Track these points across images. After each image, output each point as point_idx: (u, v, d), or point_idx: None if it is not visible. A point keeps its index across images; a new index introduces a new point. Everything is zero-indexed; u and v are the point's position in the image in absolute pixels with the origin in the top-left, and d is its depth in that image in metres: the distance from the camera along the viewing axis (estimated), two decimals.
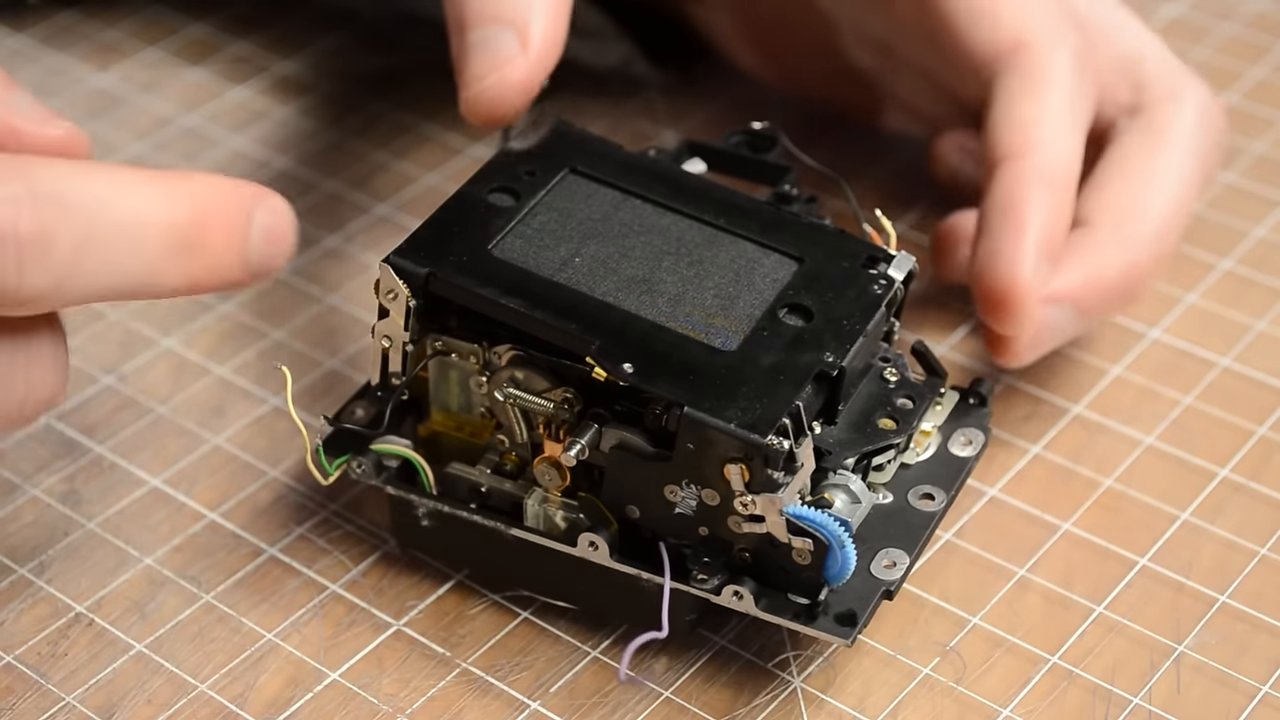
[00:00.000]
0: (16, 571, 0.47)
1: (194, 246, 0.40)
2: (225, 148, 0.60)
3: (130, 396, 0.51)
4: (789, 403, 0.42)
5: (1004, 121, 0.49)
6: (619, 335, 0.43)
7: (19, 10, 0.65)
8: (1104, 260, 0.49)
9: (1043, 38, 0.50)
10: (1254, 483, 0.49)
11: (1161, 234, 0.50)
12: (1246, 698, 0.44)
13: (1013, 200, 0.48)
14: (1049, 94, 0.49)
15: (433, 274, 0.43)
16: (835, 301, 0.44)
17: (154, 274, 0.40)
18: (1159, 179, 0.50)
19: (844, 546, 0.41)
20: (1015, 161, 0.49)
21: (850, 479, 0.44)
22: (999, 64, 0.50)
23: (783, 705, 0.44)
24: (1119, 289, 0.49)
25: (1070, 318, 0.49)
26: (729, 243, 0.45)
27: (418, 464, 0.45)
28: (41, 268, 0.39)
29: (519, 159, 0.47)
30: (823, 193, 0.50)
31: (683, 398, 0.41)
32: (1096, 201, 0.50)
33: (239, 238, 0.41)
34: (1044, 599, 0.46)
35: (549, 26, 0.48)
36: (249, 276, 0.41)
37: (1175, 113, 0.51)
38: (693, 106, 0.62)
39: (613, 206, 0.46)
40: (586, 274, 0.44)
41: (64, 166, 0.39)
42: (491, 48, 0.47)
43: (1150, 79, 0.52)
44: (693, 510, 0.42)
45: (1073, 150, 0.49)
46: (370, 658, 0.45)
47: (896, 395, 0.45)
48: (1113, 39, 0.53)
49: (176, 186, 0.40)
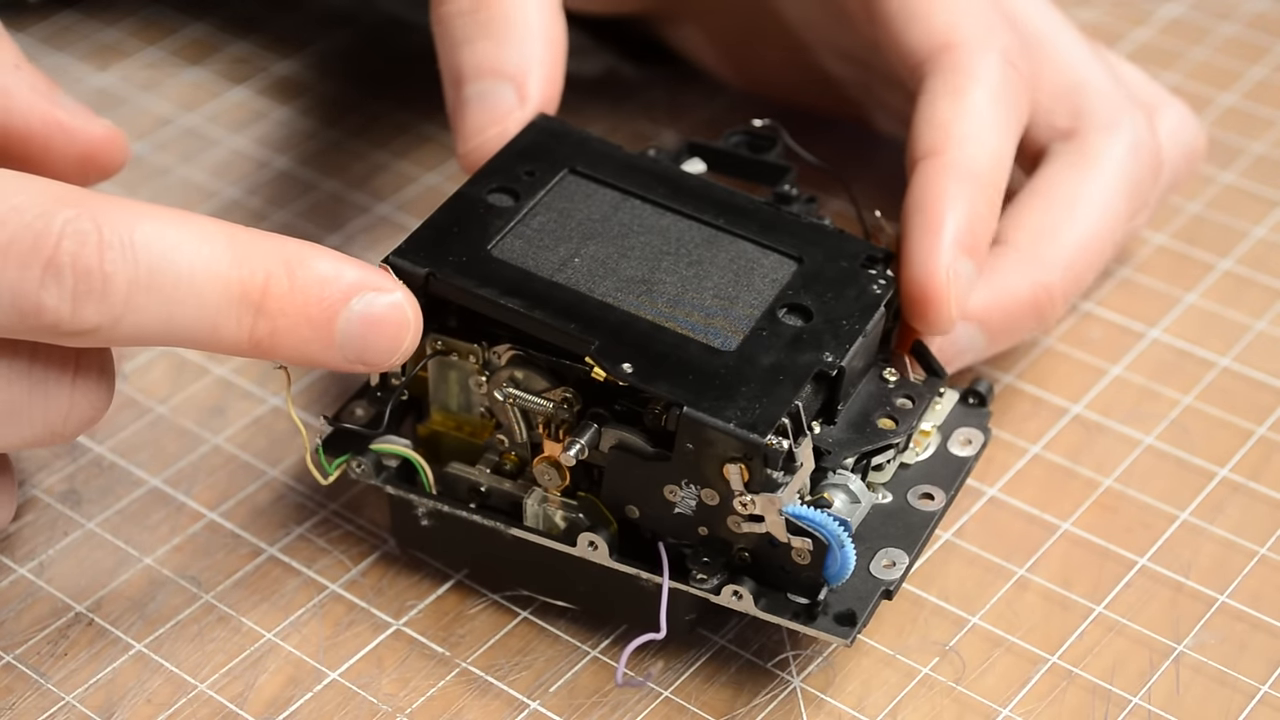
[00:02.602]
0: (16, 571, 0.47)
1: (254, 307, 0.40)
2: (225, 147, 0.60)
3: (130, 396, 0.51)
4: (788, 403, 0.42)
5: (925, 120, 0.48)
6: (618, 335, 0.43)
7: (19, 10, 0.65)
8: (1012, 281, 0.48)
9: (971, 38, 0.49)
10: (1253, 483, 0.49)
11: (1075, 259, 0.49)
12: (1246, 697, 0.44)
13: (928, 197, 0.47)
14: (972, 92, 0.48)
15: (432, 274, 0.43)
16: (834, 301, 0.44)
17: (212, 327, 0.40)
18: (1079, 204, 0.50)
19: (843, 546, 0.41)
20: (933, 159, 0.47)
21: (850, 479, 0.44)
22: (929, 64, 0.49)
23: (782, 705, 0.44)
24: (1027, 311, 0.49)
25: (977, 337, 0.48)
26: (728, 243, 0.46)
27: (417, 464, 0.45)
28: (96, 305, 0.39)
29: (519, 159, 0.47)
30: (823, 192, 0.50)
31: (682, 397, 0.41)
32: (1013, 221, 0.49)
33: (315, 313, 0.40)
34: (1043, 599, 0.46)
35: (546, 81, 0.48)
36: (340, 359, 0.41)
37: (1107, 142, 0.50)
38: (693, 106, 0.62)
39: (612, 207, 0.46)
40: (586, 274, 0.44)
41: (137, 209, 0.40)
42: (490, 102, 0.47)
43: (1089, 108, 0.51)
44: (692, 510, 0.42)
45: (997, 149, 0.48)
46: (370, 657, 0.45)
47: (896, 395, 0.45)
48: (1060, 65, 0.52)
49: (249, 246, 0.40)
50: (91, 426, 0.42)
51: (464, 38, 0.48)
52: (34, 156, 0.48)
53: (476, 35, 0.48)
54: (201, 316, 0.40)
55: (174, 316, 0.40)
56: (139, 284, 0.39)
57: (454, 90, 0.48)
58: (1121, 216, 0.50)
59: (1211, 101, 0.62)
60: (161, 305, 0.39)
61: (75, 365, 0.41)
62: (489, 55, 0.48)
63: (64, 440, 0.42)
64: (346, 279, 0.41)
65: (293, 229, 0.57)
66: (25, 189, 0.39)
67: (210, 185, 0.59)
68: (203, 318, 0.40)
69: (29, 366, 0.40)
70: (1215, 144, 0.60)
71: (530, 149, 0.47)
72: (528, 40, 0.48)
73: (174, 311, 0.40)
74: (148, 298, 0.39)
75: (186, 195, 0.58)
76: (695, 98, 0.62)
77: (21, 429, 0.41)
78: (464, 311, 0.44)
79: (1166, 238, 0.57)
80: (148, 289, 0.39)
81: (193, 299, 0.40)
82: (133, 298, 0.39)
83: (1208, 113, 0.62)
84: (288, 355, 0.41)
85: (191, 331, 0.40)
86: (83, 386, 0.41)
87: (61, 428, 0.41)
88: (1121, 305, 0.54)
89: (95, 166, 0.48)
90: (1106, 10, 0.66)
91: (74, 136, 0.47)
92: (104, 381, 0.42)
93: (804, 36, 0.56)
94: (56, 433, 0.41)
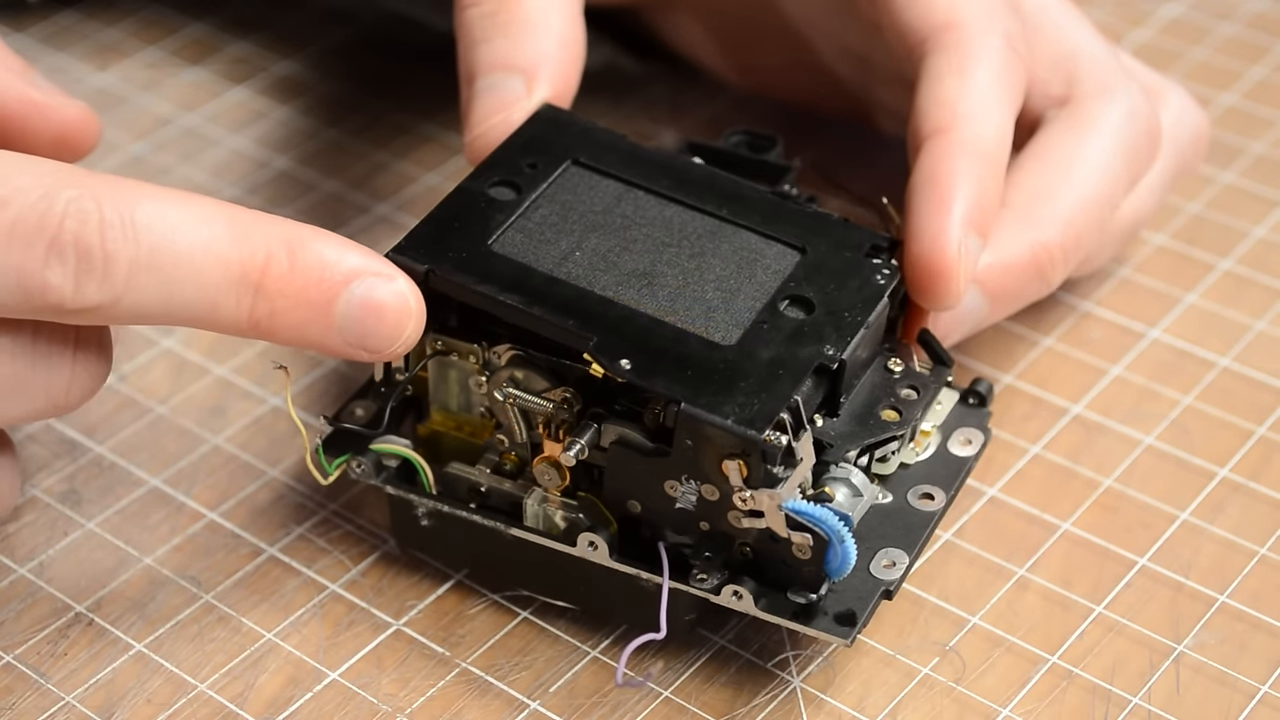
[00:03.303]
0: (16, 571, 0.47)
1: (254, 287, 0.40)
2: (225, 147, 0.60)
3: (130, 396, 0.51)
4: (787, 397, 0.41)
5: (930, 98, 0.48)
6: (617, 331, 0.42)
7: (19, 10, 0.65)
8: (1010, 241, 0.48)
9: (974, 18, 0.49)
10: (1253, 483, 0.49)
11: (1073, 219, 0.49)
12: (1246, 697, 0.44)
13: (937, 173, 0.47)
14: (976, 71, 0.48)
15: (432, 270, 0.43)
16: (837, 293, 0.44)
17: (211, 307, 0.40)
18: (1076, 165, 0.50)
19: (844, 541, 0.41)
20: (940, 136, 0.47)
21: (852, 472, 0.43)
22: (930, 43, 0.49)
23: (782, 705, 0.44)
24: (1028, 271, 0.49)
25: (979, 301, 0.48)
26: (731, 234, 0.45)
27: (417, 464, 0.45)
28: (98, 284, 0.39)
29: (521, 152, 0.47)
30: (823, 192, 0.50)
31: (680, 394, 0.41)
32: (1011, 185, 0.49)
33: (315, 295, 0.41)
34: (1043, 599, 0.46)
35: (557, 75, 0.48)
36: (341, 342, 0.41)
37: (1102, 106, 0.50)
38: (693, 106, 0.62)
39: (615, 198, 0.46)
40: (587, 268, 0.44)
41: (139, 189, 0.40)
42: (498, 93, 0.48)
43: (1084, 75, 0.51)
44: (693, 505, 0.42)
45: (1000, 126, 0.48)
46: (370, 657, 0.45)
47: (900, 386, 0.45)
48: (1055, 37, 0.52)
49: (250, 226, 0.41)
50: (91, 397, 0.42)
51: (482, 37, 0.49)
52: (10, 136, 0.48)
53: (495, 35, 0.48)
54: (201, 296, 0.40)
55: (174, 296, 0.40)
56: (140, 263, 0.39)
57: (467, 86, 0.49)
58: (1120, 179, 0.50)
59: (1211, 101, 0.62)
60: (162, 284, 0.40)
61: (75, 340, 0.41)
62: (503, 51, 0.48)
63: (66, 411, 0.42)
64: (348, 263, 0.41)
65: None
66: (28, 169, 0.40)
67: (210, 185, 0.59)
68: (202, 297, 0.40)
69: (32, 342, 0.41)
70: (1215, 144, 0.60)
71: (533, 141, 0.47)
72: (542, 38, 0.48)
73: (174, 291, 0.40)
74: (148, 277, 0.40)
75: None
76: (696, 97, 0.62)
77: (25, 402, 0.41)
78: (464, 308, 0.44)
79: (1166, 238, 0.57)
80: (148, 268, 0.40)
81: (193, 279, 0.40)
82: (134, 277, 0.39)
83: (1208, 113, 0.62)
84: (287, 337, 0.41)
85: (191, 310, 0.40)
86: (83, 359, 0.42)
87: (64, 400, 0.42)
88: (1121, 305, 0.54)
89: (69, 147, 0.49)
90: (1106, 10, 0.66)
91: (49, 116, 0.48)
92: (103, 354, 0.42)
93: (804, 31, 0.56)
94: (59, 405, 0.42)
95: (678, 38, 0.60)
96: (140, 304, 0.40)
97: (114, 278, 0.39)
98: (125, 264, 0.39)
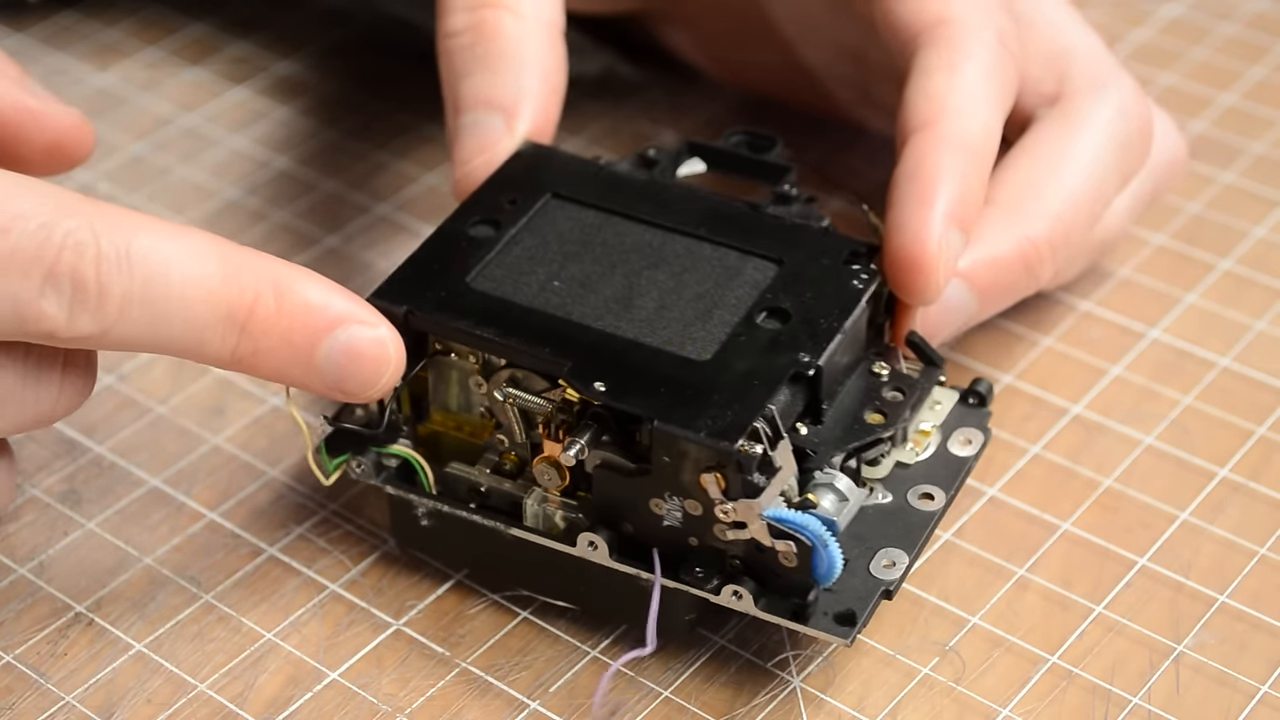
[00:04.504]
0: (16, 571, 0.47)
1: (239, 326, 0.41)
2: (225, 147, 0.60)
3: (130, 396, 0.51)
4: (760, 407, 0.41)
5: (918, 92, 0.48)
6: (593, 355, 0.43)
7: (19, 10, 0.65)
8: (998, 237, 0.48)
9: (966, 14, 0.49)
10: (1253, 483, 0.49)
11: (1061, 214, 0.49)
12: (1246, 697, 0.44)
13: (921, 167, 0.46)
14: (965, 67, 0.48)
15: (411, 311, 0.44)
16: (814, 301, 0.44)
17: (197, 342, 0.41)
18: (1064, 161, 0.49)
19: (827, 546, 0.41)
20: (926, 130, 0.47)
21: (837, 477, 0.43)
22: (921, 39, 0.49)
23: (782, 705, 0.44)
24: (1014, 267, 0.48)
25: (966, 296, 0.48)
26: (709, 251, 0.46)
27: (417, 463, 0.45)
28: (91, 315, 0.40)
29: (500, 189, 0.47)
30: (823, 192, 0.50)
31: (653, 411, 0.41)
32: (999, 181, 0.49)
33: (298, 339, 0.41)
34: (1043, 599, 0.46)
35: (537, 111, 0.49)
36: (319, 384, 0.42)
37: (1093, 103, 0.50)
38: (693, 106, 0.62)
39: (594, 228, 0.46)
40: (565, 296, 0.44)
41: (135, 221, 0.41)
42: (480, 131, 0.48)
43: (1075, 72, 0.51)
44: (679, 522, 0.42)
45: (988, 122, 0.48)
46: (370, 657, 0.45)
47: (886, 388, 0.45)
48: (1048, 34, 0.52)
49: (241, 265, 0.41)
50: (77, 409, 0.43)
51: (463, 70, 0.49)
52: (4, 143, 0.48)
53: (475, 68, 0.49)
54: (188, 331, 0.41)
55: (162, 329, 0.41)
56: (133, 297, 0.40)
57: (452, 118, 0.49)
58: (1110, 175, 0.50)
59: (1211, 101, 0.62)
60: (152, 318, 0.40)
61: (63, 358, 0.42)
62: (484, 86, 0.49)
63: (52, 422, 0.43)
64: (333, 309, 0.42)
65: (293, 229, 0.57)
66: (28, 195, 0.40)
67: (210, 185, 0.59)
68: (189, 332, 0.41)
69: (23, 361, 0.41)
70: (1215, 144, 0.60)
71: (512, 178, 0.48)
72: (522, 73, 0.49)
73: (162, 325, 0.41)
74: (140, 310, 0.40)
75: (186, 195, 0.58)
76: (695, 98, 0.62)
77: (13, 415, 0.42)
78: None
79: (1166, 238, 0.57)
80: (140, 302, 0.40)
81: (182, 314, 0.41)
82: (126, 310, 0.40)
83: (1208, 113, 0.62)
84: (268, 374, 0.42)
85: (177, 343, 0.41)
86: (70, 376, 0.42)
87: (50, 413, 0.42)
88: (1121, 305, 0.54)
89: (63, 154, 0.49)
90: (1106, 10, 0.66)
91: (44, 124, 0.48)
92: (89, 370, 0.43)
93: (801, 31, 0.56)
94: (45, 417, 0.42)
95: (674, 43, 0.60)
96: (129, 335, 0.40)
97: (106, 310, 0.40)
98: (119, 297, 0.40)
